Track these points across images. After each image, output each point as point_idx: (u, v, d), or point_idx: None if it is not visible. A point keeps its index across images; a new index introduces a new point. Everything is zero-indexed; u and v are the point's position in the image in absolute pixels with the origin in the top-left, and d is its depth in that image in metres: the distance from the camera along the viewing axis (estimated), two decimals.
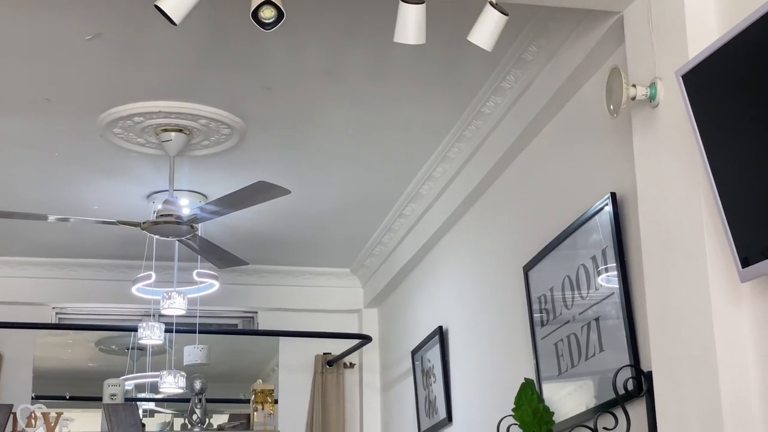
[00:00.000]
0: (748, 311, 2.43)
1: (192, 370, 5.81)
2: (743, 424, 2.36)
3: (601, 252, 3.45)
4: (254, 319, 6.85)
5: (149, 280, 5.10)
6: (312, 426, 6.44)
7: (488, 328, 4.64)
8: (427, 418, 5.45)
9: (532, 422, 3.54)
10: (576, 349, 3.63)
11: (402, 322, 6.11)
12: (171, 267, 5.40)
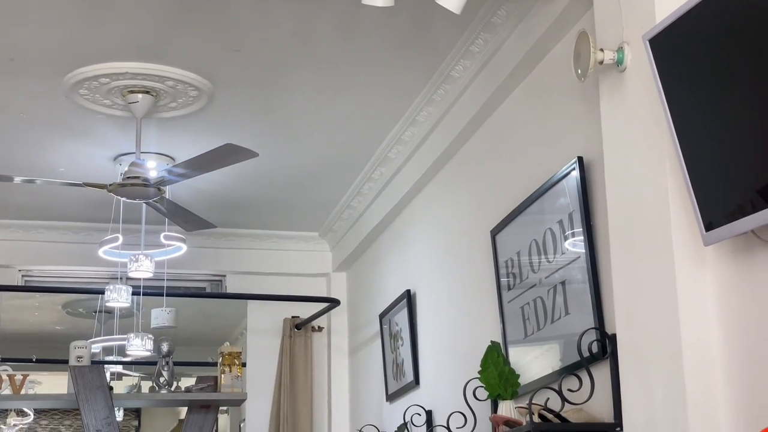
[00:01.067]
0: (711, 275, 2.46)
1: (159, 332, 5.81)
2: (705, 385, 2.38)
3: (568, 216, 3.47)
4: (222, 283, 6.85)
5: (116, 243, 5.08)
6: (280, 389, 6.46)
7: (456, 292, 4.66)
8: (395, 381, 5.48)
9: (498, 384, 3.57)
10: (542, 313, 3.66)
11: (370, 286, 6.13)
12: (138, 230, 5.38)
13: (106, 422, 4.71)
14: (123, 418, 11.27)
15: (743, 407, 2.30)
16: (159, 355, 4.97)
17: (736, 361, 2.34)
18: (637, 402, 2.61)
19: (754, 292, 2.29)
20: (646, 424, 2.55)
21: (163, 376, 4.91)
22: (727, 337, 2.37)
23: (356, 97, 4.70)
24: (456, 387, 4.03)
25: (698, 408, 2.36)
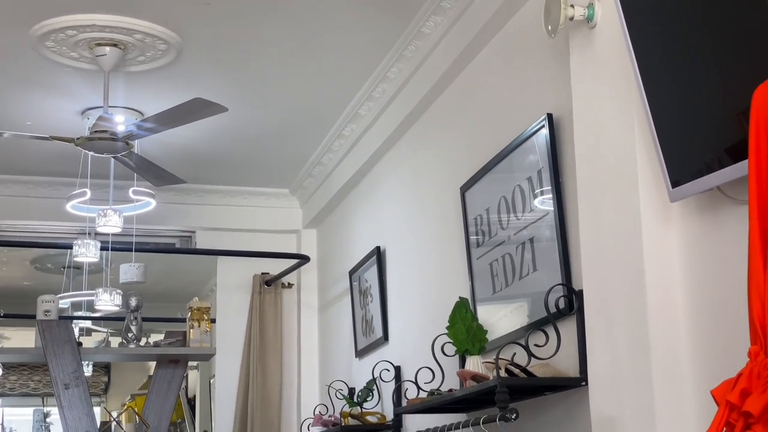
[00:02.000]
0: (676, 231, 2.48)
1: (128, 288, 5.78)
2: (669, 340, 2.41)
3: (537, 173, 3.48)
4: (192, 239, 6.82)
5: (84, 198, 5.04)
6: (250, 345, 6.48)
7: (425, 249, 4.68)
8: (364, 337, 5.50)
9: (466, 340, 3.59)
10: (510, 269, 3.68)
11: (340, 243, 6.14)
12: (106, 185, 5.34)
13: (73, 376, 4.71)
14: (92, 374, 11.28)
15: (706, 361, 2.33)
16: (127, 310, 4.97)
17: (699, 316, 2.37)
18: (602, 357, 2.64)
19: (719, 248, 2.32)
20: (611, 378, 2.58)
21: (132, 331, 4.91)
22: (691, 293, 2.40)
23: (327, 52, 4.67)
24: (424, 343, 4.05)
25: (661, 362, 2.39)
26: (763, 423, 1.41)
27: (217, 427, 6.57)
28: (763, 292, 1.48)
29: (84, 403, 4.90)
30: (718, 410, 1.50)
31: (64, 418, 4.95)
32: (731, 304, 2.21)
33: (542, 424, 3.38)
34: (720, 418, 1.49)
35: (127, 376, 12.32)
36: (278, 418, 6.41)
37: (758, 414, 1.41)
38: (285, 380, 6.54)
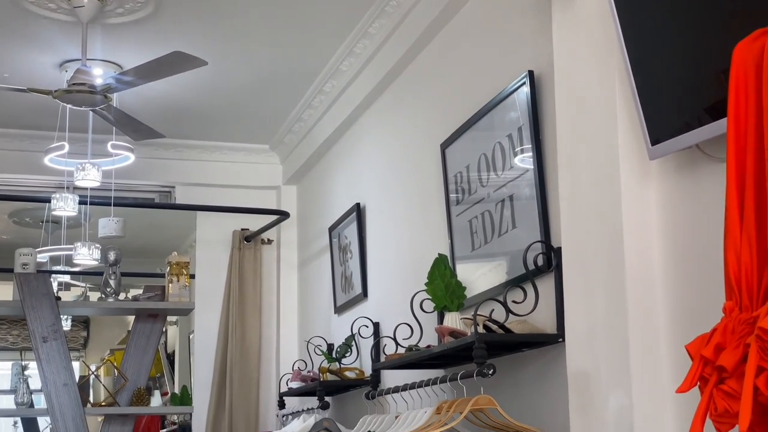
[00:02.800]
0: (655, 189, 2.49)
1: (107, 242, 5.77)
2: (645, 297, 2.43)
3: (518, 130, 3.47)
4: (171, 194, 6.80)
5: (62, 151, 5.01)
6: (229, 301, 6.48)
7: (405, 206, 4.68)
8: (343, 294, 5.52)
9: (444, 296, 3.60)
10: (489, 226, 3.69)
11: (320, 199, 6.13)
12: (85, 139, 5.30)
13: (52, 329, 4.71)
14: (71, 329, 11.28)
15: (681, 318, 2.35)
16: (106, 264, 4.95)
17: (676, 273, 2.38)
18: (579, 313, 2.65)
19: (697, 205, 2.33)
20: (588, 334, 2.59)
21: (111, 285, 4.91)
22: (669, 250, 2.41)
23: (308, 7, 4.63)
24: (403, 299, 4.07)
25: (638, 319, 2.41)
26: (736, 377, 1.42)
27: (196, 382, 6.59)
28: (739, 248, 1.49)
29: (62, 356, 4.91)
30: (693, 365, 1.51)
31: (43, 371, 4.96)
32: (708, 261, 2.23)
33: (519, 380, 3.41)
34: (694, 373, 1.50)
35: (106, 331, 12.32)
36: (257, 374, 6.44)
37: (732, 368, 1.43)
38: (264, 336, 6.56)
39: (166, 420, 9.40)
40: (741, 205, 1.53)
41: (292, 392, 5.43)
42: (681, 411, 2.30)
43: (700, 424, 1.46)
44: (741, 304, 1.48)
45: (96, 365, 5.21)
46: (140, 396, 5.10)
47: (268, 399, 6.45)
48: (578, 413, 2.60)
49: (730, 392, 1.43)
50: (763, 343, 1.34)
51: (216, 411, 6.34)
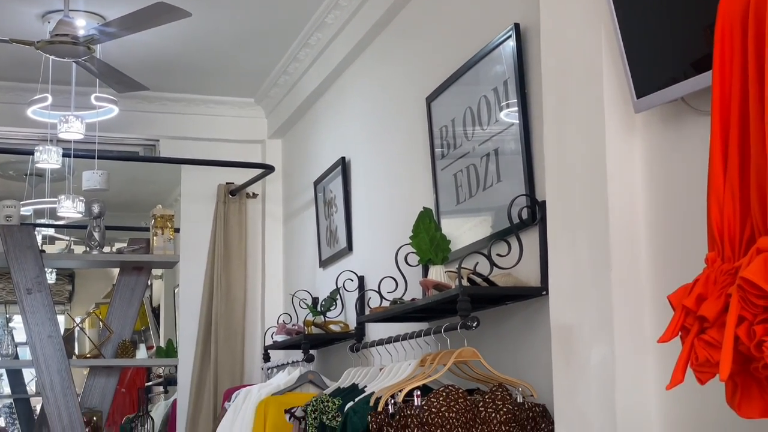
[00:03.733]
0: (640, 142, 2.49)
1: (91, 195, 5.75)
2: (629, 250, 2.44)
3: (503, 83, 3.46)
4: (156, 147, 6.77)
5: (45, 103, 4.97)
6: (214, 255, 6.48)
7: (390, 160, 4.67)
8: (328, 248, 5.53)
9: (429, 249, 3.61)
10: (474, 180, 3.69)
11: (305, 153, 6.12)
12: (68, 91, 5.26)
13: (36, 281, 4.71)
14: (56, 283, 11.28)
15: (665, 270, 2.36)
16: (90, 217, 4.94)
17: (660, 225, 2.40)
18: (563, 266, 2.66)
19: (681, 158, 2.33)
20: (572, 287, 2.61)
21: (95, 238, 4.90)
22: (653, 203, 2.42)
23: None
24: (388, 253, 4.07)
25: (621, 271, 2.42)
26: (717, 327, 1.43)
27: (182, 336, 6.61)
28: (722, 200, 1.49)
29: (47, 308, 4.91)
30: (674, 315, 1.52)
31: (27, 324, 4.96)
32: (691, 214, 2.24)
33: (503, 333, 3.43)
34: (675, 323, 1.51)
35: (90, 285, 12.32)
36: (242, 327, 6.46)
37: (713, 318, 1.44)
38: (249, 290, 6.57)
39: (152, 373, 9.44)
40: (725, 157, 1.53)
41: (276, 345, 5.46)
42: (662, 362, 2.32)
43: (681, 373, 1.48)
44: (723, 254, 1.48)
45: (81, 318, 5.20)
46: (125, 348, 5.11)
47: (253, 352, 6.48)
48: (561, 365, 2.62)
49: (711, 342, 1.44)
50: (744, 293, 1.35)
51: (201, 364, 6.36)
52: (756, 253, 1.35)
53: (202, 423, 6.22)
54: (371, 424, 3.03)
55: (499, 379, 3.12)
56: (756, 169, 1.42)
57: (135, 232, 7.40)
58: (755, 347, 1.34)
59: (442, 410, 2.92)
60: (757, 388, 1.42)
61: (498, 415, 2.95)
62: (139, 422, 5.29)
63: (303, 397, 4.37)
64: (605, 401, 2.40)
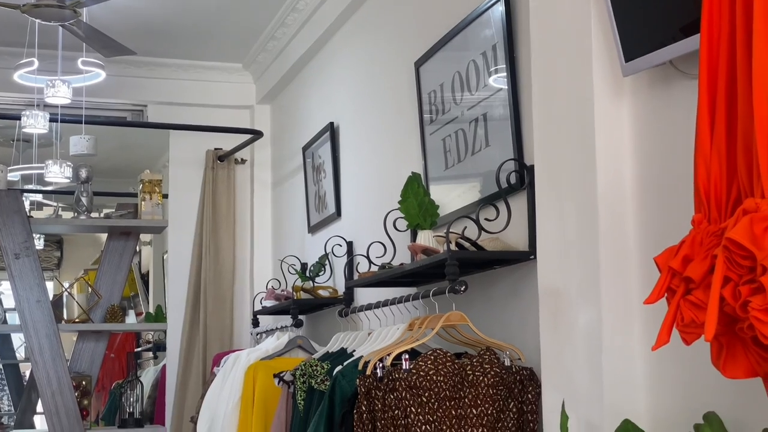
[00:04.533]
0: (628, 106, 2.49)
1: (78, 160, 5.73)
2: (617, 213, 2.44)
3: (492, 48, 3.45)
4: (143, 113, 6.74)
5: (32, 67, 4.94)
6: (202, 221, 6.48)
7: (379, 125, 4.67)
8: (317, 213, 5.53)
9: (417, 214, 3.61)
10: (463, 145, 3.69)
11: (294, 119, 6.10)
12: (55, 55, 5.23)
13: (24, 246, 4.70)
14: (44, 249, 11.26)
15: (652, 233, 2.37)
16: (78, 181, 4.92)
17: (647, 189, 2.40)
18: (551, 230, 2.67)
19: (669, 121, 2.33)
20: (559, 251, 2.61)
21: (83, 203, 4.89)
22: (641, 166, 2.42)
23: None
24: (377, 218, 4.08)
25: (609, 235, 2.43)
26: (703, 288, 1.44)
27: (171, 302, 6.62)
28: (709, 161, 1.50)
29: (35, 273, 4.90)
30: (660, 276, 1.53)
31: (15, 288, 4.95)
32: (679, 177, 2.25)
33: (491, 297, 3.44)
34: (662, 284, 1.52)
35: (79, 252, 12.31)
36: (231, 293, 6.47)
37: (699, 279, 1.44)
38: (238, 255, 6.58)
39: (141, 339, 9.46)
40: (712, 118, 1.53)
41: (265, 311, 5.47)
42: (648, 324, 2.34)
43: (667, 334, 1.49)
44: (709, 216, 1.49)
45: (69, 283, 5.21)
46: (114, 313, 5.11)
47: (241, 317, 6.50)
48: (548, 329, 2.63)
49: (696, 303, 1.45)
50: (730, 253, 1.36)
51: (190, 330, 6.38)
52: (742, 214, 1.36)
53: (192, 388, 6.24)
54: (360, 388, 3.05)
55: (487, 343, 3.14)
56: (743, 131, 1.43)
57: (123, 198, 7.38)
58: (740, 308, 1.35)
59: (430, 373, 2.94)
60: (741, 348, 1.43)
61: (485, 379, 2.97)
62: (128, 387, 5.31)
63: (292, 361, 4.39)
64: (592, 364, 2.42)
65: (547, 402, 2.60)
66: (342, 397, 3.29)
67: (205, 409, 4.84)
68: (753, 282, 1.34)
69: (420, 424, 2.91)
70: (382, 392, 2.99)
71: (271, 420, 4.15)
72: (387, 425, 2.96)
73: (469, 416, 2.94)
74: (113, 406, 7.46)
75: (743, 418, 2.02)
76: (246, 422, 4.38)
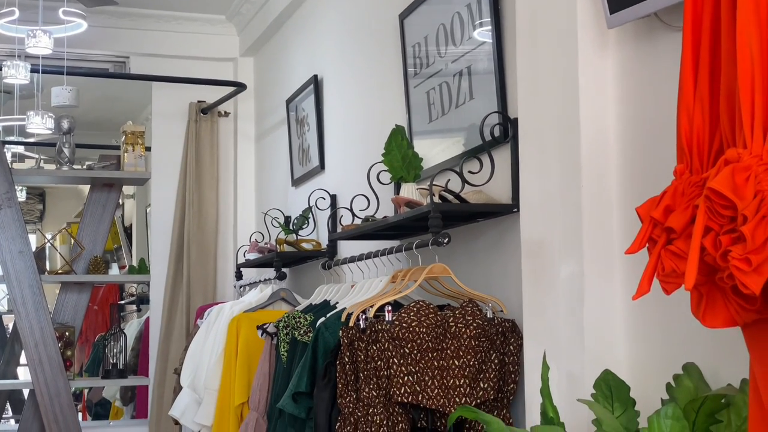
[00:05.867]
0: (612, 58, 2.48)
1: (60, 111, 5.68)
2: (600, 165, 2.45)
3: (476, 0, 3.43)
4: (126, 65, 6.68)
5: (12, 17, 4.88)
6: (185, 174, 6.46)
7: (363, 78, 4.65)
8: (301, 166, 5.52)
9: (401, 167, 3.61)
10: (447, 98, 3.68)
11: (277, 71, 6.07)
12: (36, 5, 5.17)
13: (6, 197, 4.67)
14: (27, 201, 11.22)
15: (634, 185, 2.38)
16: (60, 132, 4.89)
17: (630, 141, 2.41)
18: (534, 183, 2.67)
19: (653, 73, 2.33)
20: (542, 204, 2.62)
21: (65, 154, 4.86)
22: (624, 118, 2.43)
23: None
24: (360, 171, 4.08)
25: (592, 187, 2.43)
26: (684, 238, 1.45)
27: (154, 255, 6.61)
28: (692, 112, 1.50)
29: (17, 223, 4.88)
30: (642, 226, 1.54)
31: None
32: (663, 129, 2.25)
33: (474, 250, 3.46)
34: (643, 234, 1.53)
35: (62, 205, 12.26)
36: (214, 246, 6.47)
37: (680, 229, 1.45)
38: (221, 208, 6.57)
39: (124, 292, 9.46)
40: (695, 70, 1.53)
41: (249, 264, 5.47)
42: (630, 276, 2.36)
43: (647, 283, 1.50)
44: (691, 166, 1.49)
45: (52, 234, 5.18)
46: (97, 265, 5.11)
47: (225, 270, 6.50)
48: (530, 281, 2.65)
49: (677, 252, 1.46)
50: (711, 203, 1.36)
51: (173, 282, 6.38)
52: (723, 164, 1.36)
53: (175, 340, 6.26)
54: (342, 339, 3.06)
55: (470, 295, 3.15)
56: (726, 82, 1.43)
57: (106, 150, 7.35)
58: (720, 257, 1.36)
59: (412, 325, 2.96)
60: (721, 298, 1.44)
61: (468, 330, 2.99)
62: (112, 339, 5.32)
63: (275, 314, 4.40)
64: (573, 315, 2.44)
65: (529, 353, 2.62)
66: (325, 349, 3.31)
67: (188, 361, 4.87)
68: (733, 231, 1.35)
69: (402, 375, 2.93)
70: (365, 343, 3.01)
71: (255, 372, 4.17)
72: (370, 376, 2.98)
73: (451, 367, 2.96)
74: (97, 358, 7.48)
75: (722, 368, 2.04)
76: (229, 374, 4.40)
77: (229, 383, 4.38)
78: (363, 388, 2.99)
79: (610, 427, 1.89)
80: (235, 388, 4.32)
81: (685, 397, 1.97)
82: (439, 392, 2.94)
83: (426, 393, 2.94)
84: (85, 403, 8.72)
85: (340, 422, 3.07)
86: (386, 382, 2.95)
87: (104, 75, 6.81)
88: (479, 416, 1.97)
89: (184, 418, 4.69)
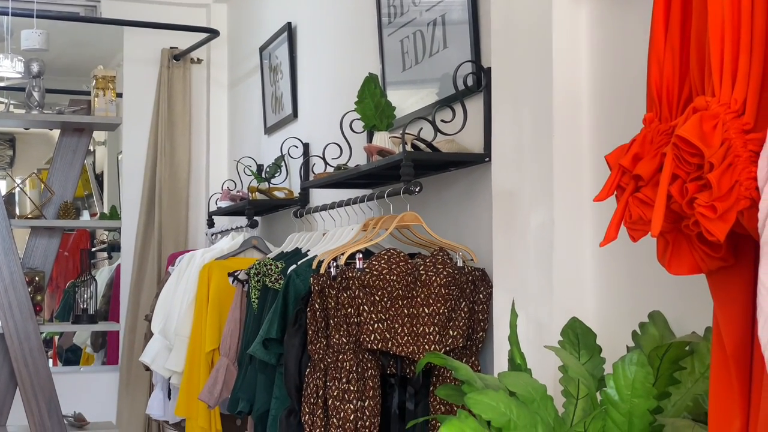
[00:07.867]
0: (586, 8, 2.48)
1: (30, 55, 5.61)
2: (572, 116, 2.45)
3: None
4: (97, 9, 6.60)
5: None
6: (157, 120, 6.42)
7: (336, 26, 4.62)
8: (273, 114, 5.49)
9: (374, 115, 3.60)
10: (421, 46, 3.67)
11: (251, 18, 6.01)
12: None
13: None
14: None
15: (605, 135, 2.39)
16: (29, 76, 4.83)
17: (602, 92, 2.41)
18: (506, 133, 2.68)
19: (626, 25, 2.33)
20: (514, 153, 2.63)
21: (35, 98, 4.80)
22: (596, 68, 2.43)
23: None
24: (333, 120, 4.07)
25: (563, 137, 2.44)
26: (651, 186, 1.46)
27: (125, 202, 6.59)
28: (662, 60, 1.50)
29: None
30: (611, 174, 1.55)
31: None
32: (634, 80, 2.26)
33: (445, 199, 3.47)
34: (612, 181, 1.54)
35: (32, 151, 12.12)
36: (186, 193, 6.45)
37: (648, 177, 1.46)
38: (193, 156, 6.55)
39: (95, 240, 9.41)
40: (667, 18, 1.53)
41: (221, 211, 5.47)
42: (599, 226, 2.37)
43: (615, 230, 1.51)
44: (661, 115, 1.50)
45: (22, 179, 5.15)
46: (67, 210, 5.07)
47: (197, 218, 6.50)
48: (501, 231, 2.66)
49: (644, 200, 1.47)
50: (679, 151, 1.37)
51: (145, 229, 6.37)
52: (692, 112, 1.37)
53: (146, 287, 6.26)
54: (313, 286, 3.08)
55: (440, 244, 3.17)
56: (696, 29, 1.43)
57: (76, 96, 7.27)
58: (687, 204, 1.37)
59: (383, 273, 2.97)
60: (687, 245, 1.46)
61: (438, 279, 3.00)
62: (82, 285, 5.30)
63: (246, 261, 4.41)
64: (543, 264, 2.46)
65: (498, 301, 2.64)
66: (296, 296, 3.32)
67: (159, 307, 4.87)
68: (700, 179, 1.36)
69: (372, 323, 2.95)
70: (335, 291, 3.02)
71: (226, 318, 4.18)
72: (340, 323, 3.00)
73: (421, 315, 2.99)
74: (67, 304, 7.45)
75: (687, 317, 2.07)
76: (200, 321, 4.41)
77: (200, 330, 4.40)
78: (333, 335, 3.01)
79: (576, 373, 1.92)
80: (206, 334, 4.34)
81: (650, 345, 1.99)
82: (409, 339, 2.97)
83: (395, 340, 2.96)
84: (55, 349, 8.71)
85: (310, 368, 3.09)
86: (356, 329, 2.97)
87: (74, 19, 6.72)
88: (447, 362, 1.99)
89: (155, 365, 4.71)
